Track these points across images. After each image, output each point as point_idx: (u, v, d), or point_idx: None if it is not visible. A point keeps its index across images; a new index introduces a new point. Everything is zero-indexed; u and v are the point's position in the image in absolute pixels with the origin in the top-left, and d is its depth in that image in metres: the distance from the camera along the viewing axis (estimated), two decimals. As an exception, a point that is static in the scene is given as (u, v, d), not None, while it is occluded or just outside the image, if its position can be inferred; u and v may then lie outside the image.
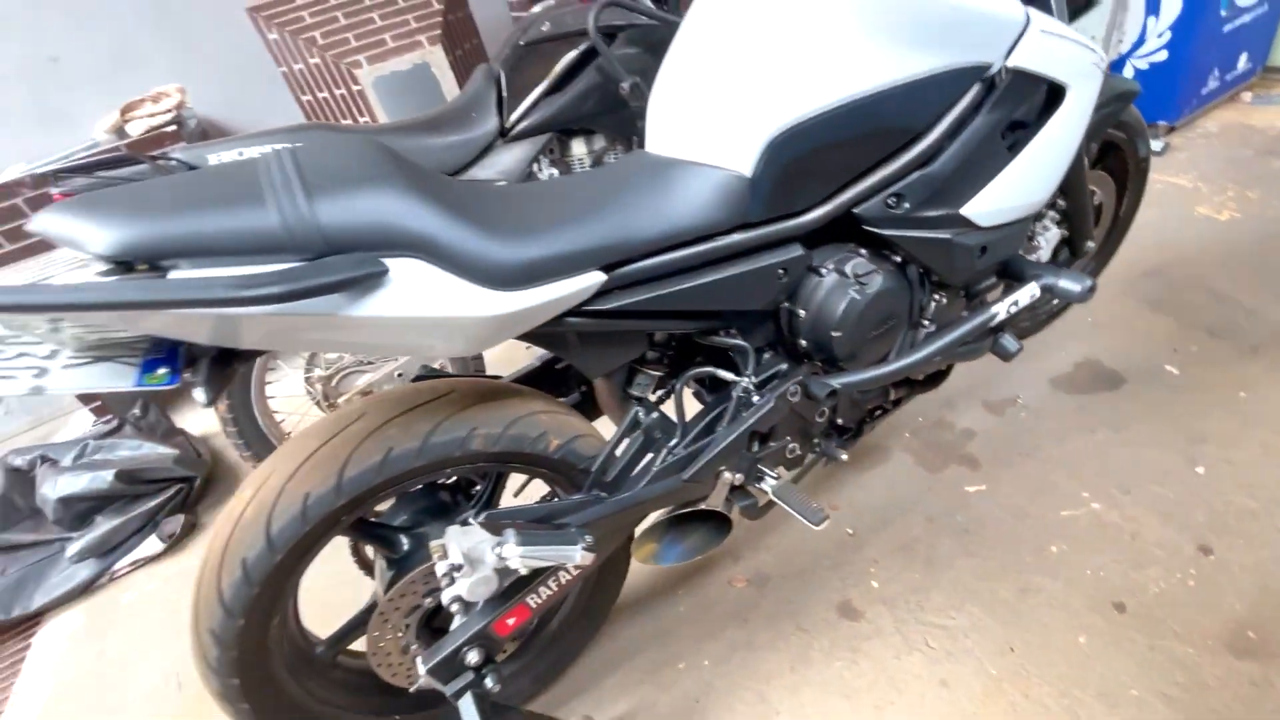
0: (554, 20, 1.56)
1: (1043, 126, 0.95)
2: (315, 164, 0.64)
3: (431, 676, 0.86)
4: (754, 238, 0.89)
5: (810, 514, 0.96)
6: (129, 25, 2.39)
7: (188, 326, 0.59)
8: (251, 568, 0.76)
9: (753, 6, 0.84)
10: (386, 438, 0.80)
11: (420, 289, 0.64)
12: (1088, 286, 0.99)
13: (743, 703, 1.11)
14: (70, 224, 0.56)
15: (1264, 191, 1.99)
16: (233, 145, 1.34)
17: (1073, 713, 0.98)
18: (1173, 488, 1.25)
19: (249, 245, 0.58)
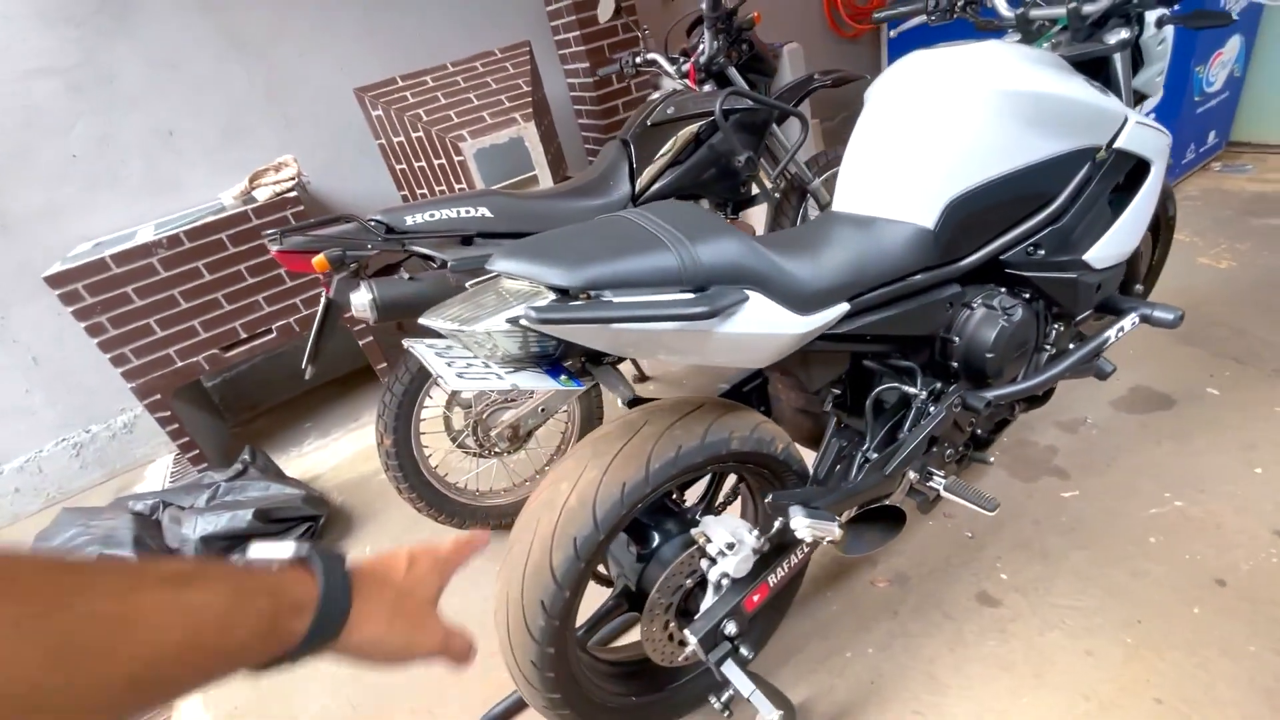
0: (677, 105, 1.84)
1: (1138, 192, 1.23)
2: (673, 219, 0.86)
3: (701, 646, 1.01)
4: (931, 277, 1.13)
5: (985, 503, 1.16)
6: (240, 101, 2.62)
7: (607, 337, 0.78)
8: (581, 545, 0.92)
9: (931, 101, 1.10)
10: (674, 437, 0.98)
11: (758, 313, 0.85)
12: (1179, 315, 1.24)
13: (914, 681, 1.27)
14: (527, 266, 0.76)
15: (1252, 244, 2.35)
16: (425, 208, 1.55)
17: (1204, 668, 1.17)
18: (1239, 486, 1.49)
19: (657, 279, 0.79)
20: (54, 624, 0.27)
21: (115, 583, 0.30)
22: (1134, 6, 1.21)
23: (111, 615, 0.29)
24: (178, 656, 0.31)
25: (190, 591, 0.33)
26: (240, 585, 0.36)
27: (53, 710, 0.27)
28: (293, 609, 0.38)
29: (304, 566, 0.41)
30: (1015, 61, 1.11)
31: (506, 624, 0.96)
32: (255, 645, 0.36)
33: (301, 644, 0.38)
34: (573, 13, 2.93)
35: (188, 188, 2.61)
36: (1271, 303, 2.05)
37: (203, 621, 0.32)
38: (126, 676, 0.29)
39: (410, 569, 0.47)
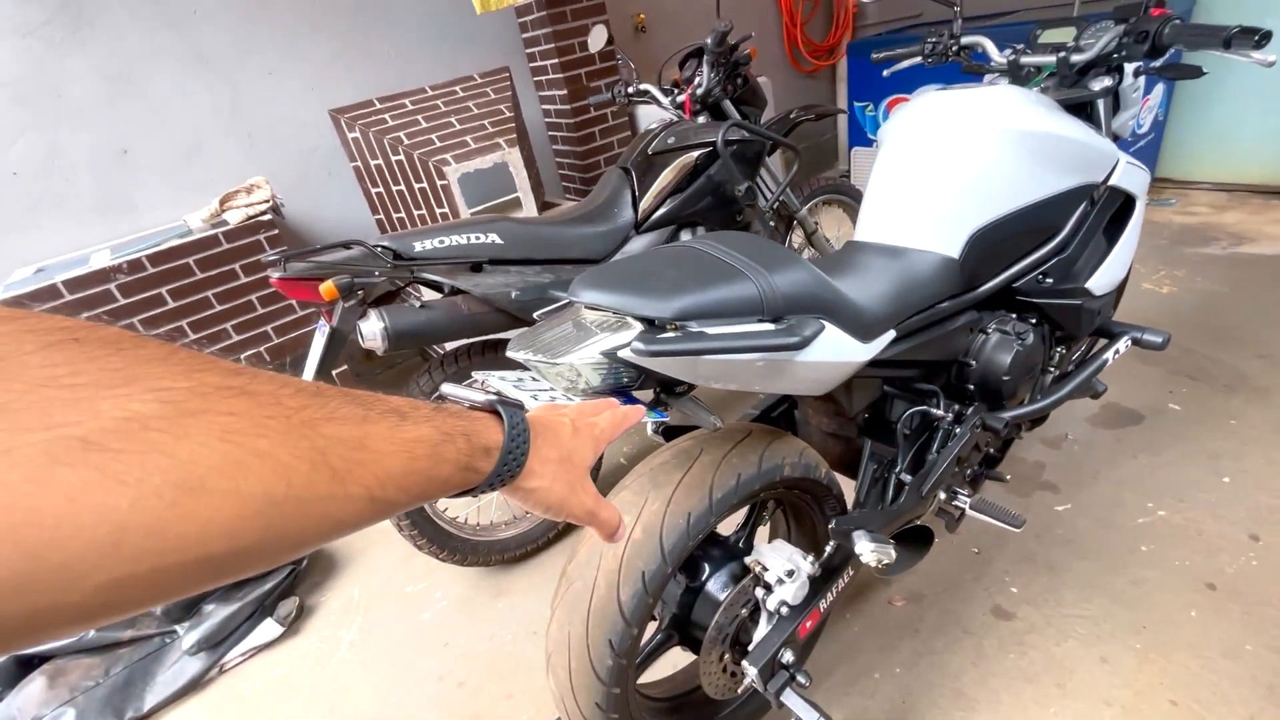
0: (678, 135, 1.87)
1: (1127, 225, 1.33)
2: (743, 249, 0.87)
3: (760, 677, 1.00)
4: (955, 304, 1.18)
5: (1011, 519, 1.21)
6: (202, 120, 2.49)
7: (694, 368, 0.78)
8: (650, 580, 0.90)
9: (952, 139, 1.16)
10: (733, 466, 0.98)
11: (832, 342, 0.86)
12: (1167, 337, 1.35)
13: (943, 698, 1.29)
14: (616, 298, 0.76)
15: (1187, 271, 2.58)
16: (434, 234, 1.51)
17: (1209, 669, 1.25)
18: (1212, 494, 1.61)
19: (740, 309, 0.79)
20: (312, 442, 0.30)
21: (351, 412, 0.33)
22: (1116, 58, 1.32)
23: (351, 439, 0.32)
24: (399, 481, 0.35)
25: (407, 426, 0.36)
26: (443, 426, 0.39)
27: (318, 516, 0.30)
28: (483, 451, 0.42)
29: (492, 413, 0.45)
30: (1024, 104, 1.19)
31: (568, 665, 0.92)
32: (454, 478, 0.40)
33: (484, 482, 0.43)
34: (551, 41, 2.96)
35: (144, 209, 2.44)
36: (1211, 324, 2.24)
37: (417, 454, 0.36)
38: (366, 492, 0.33)
39: (575, 434, 0.50)
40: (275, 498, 0.28)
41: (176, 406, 0.25)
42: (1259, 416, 1.82)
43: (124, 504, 0.23)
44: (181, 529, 0.25)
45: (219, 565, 0.27)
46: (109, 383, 0.24)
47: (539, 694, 1.47)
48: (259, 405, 0.29)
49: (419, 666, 1.60)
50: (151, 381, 0.25)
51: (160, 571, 0.25)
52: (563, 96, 3.08)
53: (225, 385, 0.28)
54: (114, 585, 0.23)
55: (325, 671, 1.64)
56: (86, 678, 1.61)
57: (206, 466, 0.25)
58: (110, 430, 0.23)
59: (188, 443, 0.25)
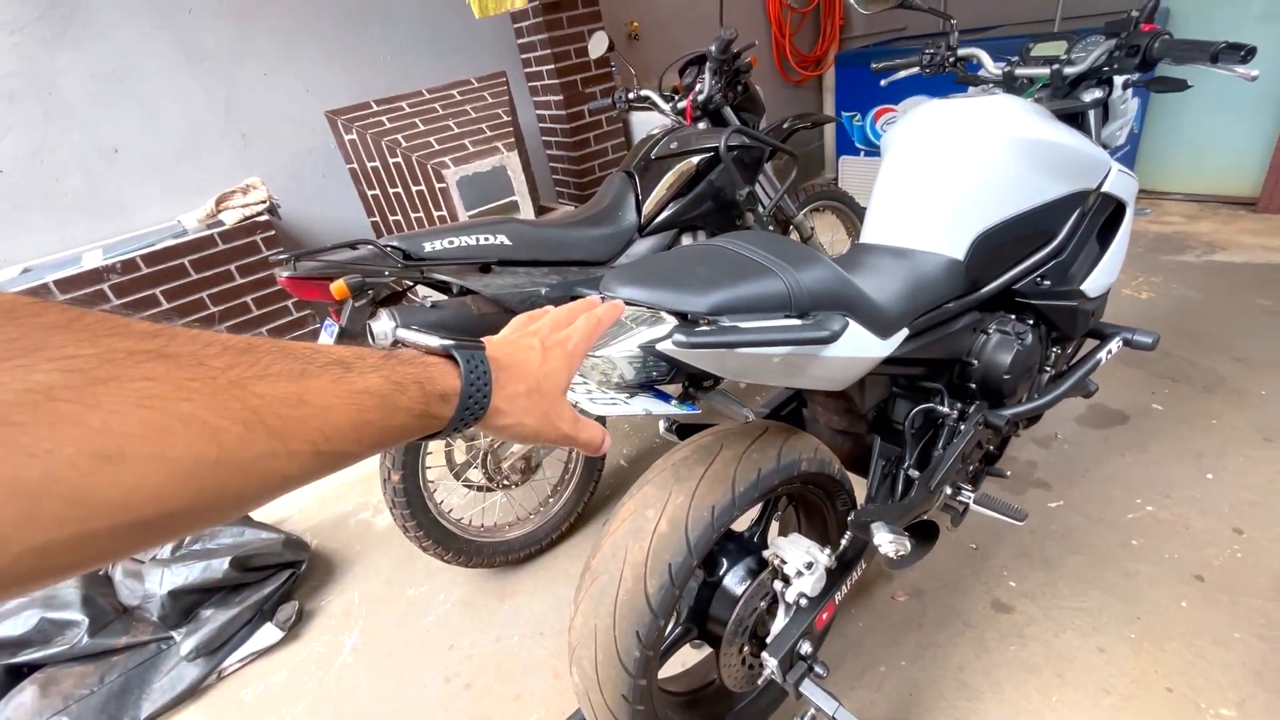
0: (680, 140, 1.90)
1: (1118, 230, 1.39)
2: (768, 247, 0.89)
3: (779, 668, 1.02)
4: (960, 305, 1.22)
5: (1014, 513, 1.25)
6: (195, 119, 2.47)
7: (725, 361, 0.80)
8: (676, 572, 0.91)
9: (956, 146, 1.21)
10: (753, 460, 1.00)
11: (855, 337, 0.89)
12: (1156, 338, 1.40)
13: (949, 689, 1.33)
14: (652, 293, 0.78)
15: (1164, 278, 2.68)
16: (443, 235, 1.52)
17: (1201, 657, 1.30)
18: (1197, 490, 1.67)
19: (769, 305, 0.81)
20: (244, 402, 0.29)
21: (287, 367, 0.33)
22: (1107, 71, 1.38)
23: (289, 396, 0.32)
24: (347, 434, 0.34)
25: (352, 377, 0.35)
26: (392, 375, 0.38)
27: (259, 475, 0.30)
28: (439, 398, 0.41)
29: (448, 357, 0.44)
30: (1024, 113, 1.24)
31: (594, 658, 0.93)
32: (411, 425, 0.39)
33: (448, 427, 0.42)
34: (547, 47, 2.98)
35: (135, 209, 2.41)
36: (1188, 328, 2.33)
37: (365, 406, 0.35)
38: (311, 447, 0.32)
39: (544, 361, 0.50)
40: (207, 460, 0.28)
41: (83, 375, 0.25)
42: (1238, 417, 1.89)
43: (35, 475, 0.23)
44: (104, 495, 0.24)
45: (155, 527, 0.27)
46: (5, 354, 0.23)
47: (548, 695, 1.47)
48: (179, 368, 0.28)
49: (424, 669, 1.59)
50: (53, 350, 0.24)
51: (87, 536, 0.25)
52: (558, 102, 3.11)
53: (139, 349, 0.27)
54: (39, 551, 0.23)
55: (328, 676, 1.62)
56: (80, 686, 1.57)
57: (124, 434, 0.25)
58: (11, 403, 0.23)
59: (99, 412, 0.24)
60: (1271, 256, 2.71)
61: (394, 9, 2.82)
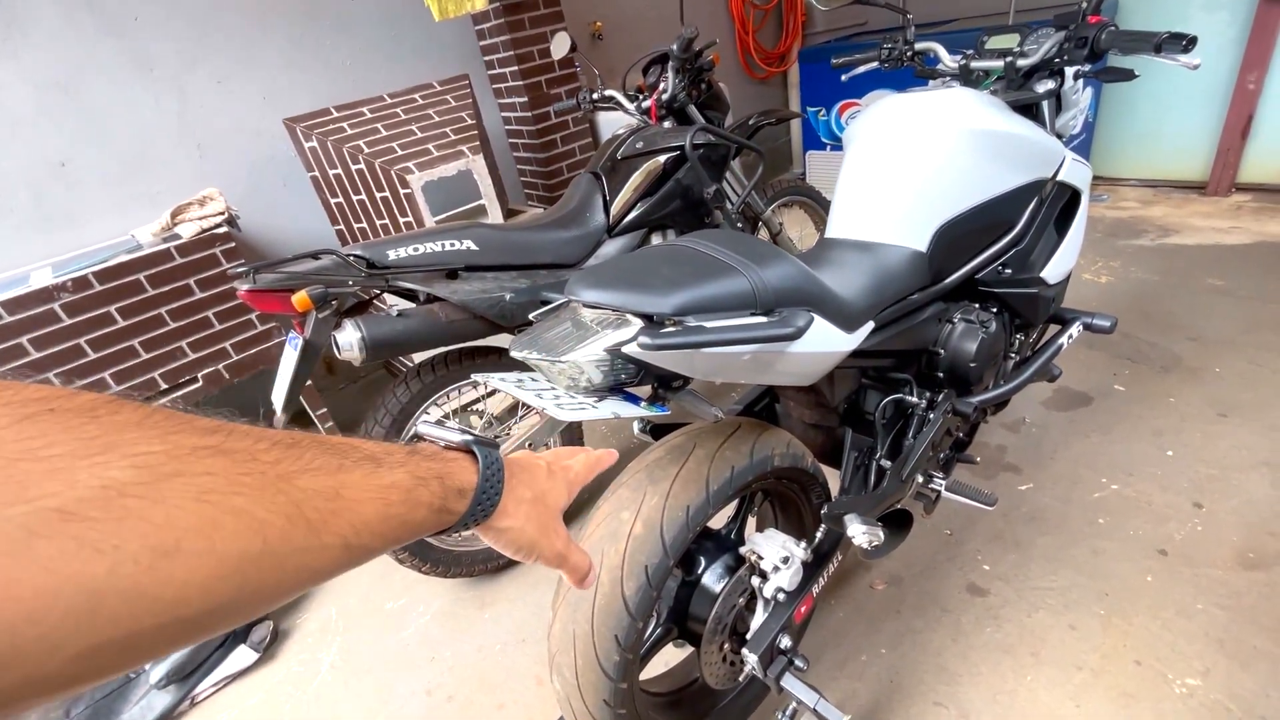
0: (646, 140, 1.90)
1: (1074, 217, 1.42)
2: (732, 245, 0.89)
3: (760, 664, 1.02)
4: (925, 296, 1.24)
5: (984, 499, 1.27)
6: (147, 130, 2.39)
7: (692, 361, 0.80)
8: (653, 573, 0.91)
9: (915, 139, 1.22)
10: (726, 459, 1.00)
11: (820, 333, 0.90)
12: (1114, 322, 1.44)
13: (928, 674, 1.35)
14: (616, 295, 0.77)
15: (1122, 262, 2.76)
16: (407, 242, 1.49)
17: (1167, 628, 1.34)
18: (1158, 468, 1.72)
19: (734, 303, 0.82)
20: (288, 495, 0.31)
21: (326, 462, 0.34)
22: (1058, 62, 1.41)
23: (327, 490, 0.33)
24: (374, 528, 0.35)
25: (382, 473, 0.37)
26: (417, 470, 0.40)
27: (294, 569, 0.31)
28: (457, 493, 0.42)
29: (467, 453, 0.45)
30: (980, 105, 1.26)
31: (574, 664, 0.93)
32: (429, 521, 0.40)
33: (459, 522, 0.43)
34: (510, 48, 2.95)
35: (85, 224, 2.32)
36: (1147, 310, 2.40)
37: (391, 500, 0.37)
38: (341, 540, 0.33)
39: (549, 476, 0.51)
40: (251, 554, 0.28)
41: (153, 471, 0.25)
42: (1193, 394, 1.96)
43: (101, 572, 0.23)
44: (158, 592, 0.25)
45: (194, 625, 0.27)
46: (85, 451, 0.24)
47: (531, 703, 1.46)
48: (235, 463, 0.29)
49: (406, 683, 1.56)
50: (128, 447, 0.25)
51: (136, 635, 0.25)
52: (523, 104, 3.08)
53: (201, 445, 0.28)
54: (90, 653, 0.23)
55: (306, 695, 1.59)
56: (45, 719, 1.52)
57: (183, 529, 0.25)
58: (87, 499, 0.23)
59: (163, 507, 0.25)
60: (1221, 238, 2.80)
61: (352, 13, 2.76)
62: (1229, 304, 2.34)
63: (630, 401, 0.82)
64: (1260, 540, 1.48)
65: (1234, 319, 2.25)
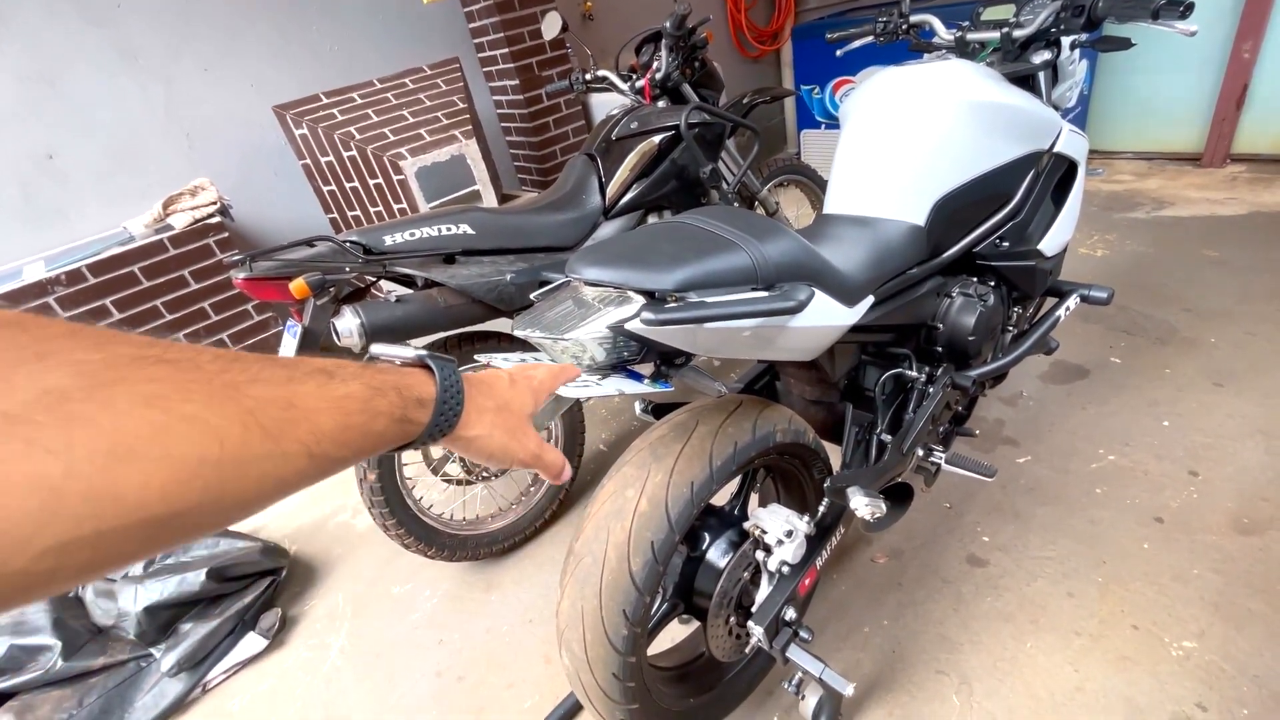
0: (640, 120, 1.89)
1: (1071, 189, 1.42)
2: (732, 221, 0.89)
3: (765, 636, 1.04)
4: (923, 270, 1.24)
5: (984, 470, 1.29)
6: (135, 121, 2.36)
7: (695, 337, 0.80)
8: (659, 549, 0.92)
9: (912, 112, 1.22)
10: (729, 435, 1.01)
11: (821, 307, 0.90)
12: (1111, 293, 1.44)
13: (930, 644, 1.37)
14: (617, 273, 0.77)
15: (1118, 235, 2.76)
16: (403, 228, 1.49)
17: (1163, 594, 1.36)
18: (1155, 437, 1.74)
19: (735, 279, 0.82)
20: (239, 404, 0.31)
21: (274, 374, 0.34)
22: (1054, 32, 1.40)
23: (279, 399, 0.33)
24: (335, 437, 0.36)
25: (335, 384, 0.37)
26: (372, 381, 0.40)
27: (258, 476, 0.31)
28: (417, 403, 0.43)
29: (423, 367, 0.46)
30: (977, 77, 1.25)
31: (583, 639, 0.94)
32: (390, 431, 0.40)
33: (423, 433, 0.44)
34: (500, 30, 2.92)
35: (76, 217, 2.30)
36: (1142, 282, 2.41)
37: (349, 410, 0.37)
38: (304, 448, 0.33)
39: (512, 386, 0.52)
40: (210, 459, 0.28)
41: (93, 377, 0.25)
42: (1189, 365, 1.97)
43: (57, 472, 0.23)
44: (118, 492, 0.25)
45: (164, 527, 0.27)
46: (18, 359, 0.24)
47: (540, 681, 1.48)
48: (179, 371, 0.29)
49: (415, 665, 1.58)
50: (64, 355, 0.25)
51: (103, 535, 0.25)
52: (515, 86, 3.05)
53: (139, 355, 0.28)
54: (59, 550, 0.24)
55: (316, 680, 1.61)
56: (59, 711, 1.53)
57: (134, 434, 0.26)
58: (30, 403, 0.23)
59: (110, 411, 0.25)
60: (1215, 209, 2.80)
61: (337, -4, 2.72)
62: (1224, 275, 2.35)
63: (634, 379, 0.83)
64: (1254, 506, 1.50)
65: (1229, 290, 2.27)
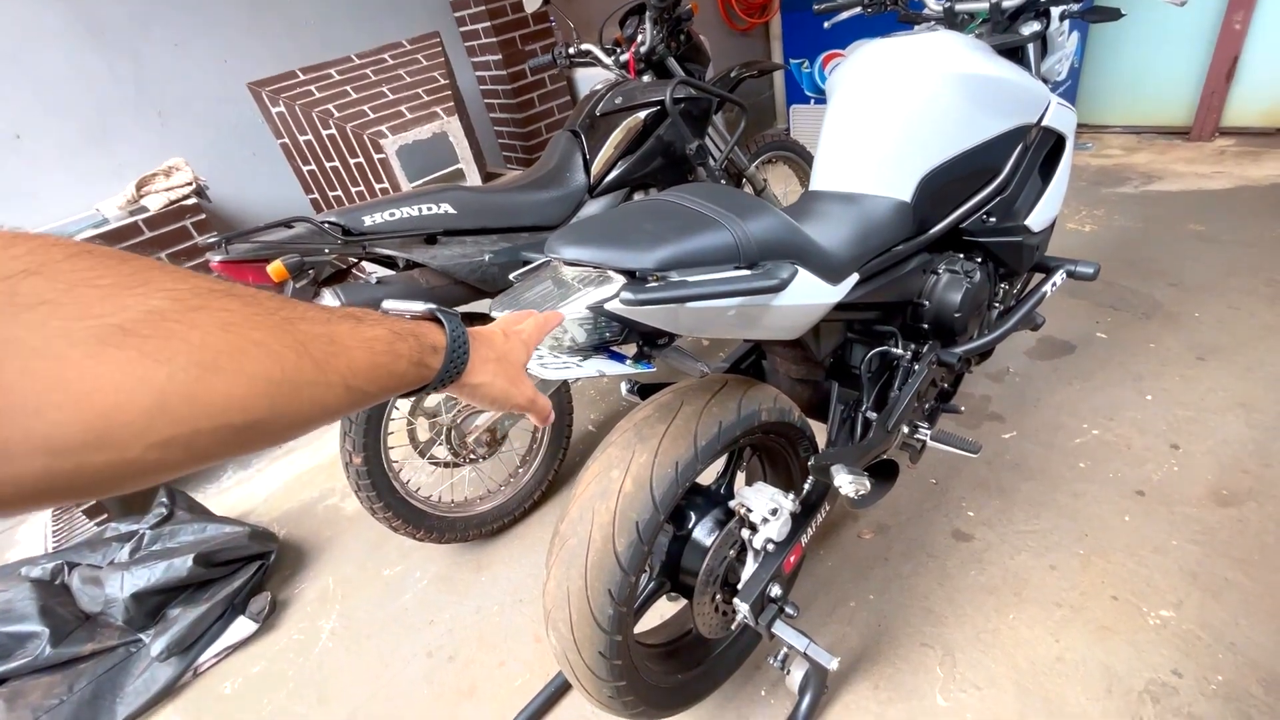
0: (624, 95, 1.85)
1: (1059, 163, 1.41)
2: (715, 199, 0.88)
3: (751, 612, 1.05)
4: (909, 247, 1.23)
5: (969, 446, 1.29)
6: (104, 98, 2.29)
7: (677, 317, 0.79)
8: (644, 529, 0.92)
9: (899, 86, 1.20)
10: (714, 415, 1.01)
11: (805, 285, 0.89)
12: (1097, 268, 1.44)
13: (915, 617, 1.39)
14: (597, 252, 0.76)
15: (1106, 210, 2.76)
16: (382, 208, 1.46)
17: (1143, 565, 1.38)
18: (1137, 411, 1.76)
19: (717, 257, 0.80)
20: (293, 335, 0.36)
21: (317, 314, 0.39)
22: (1044, 3, 1.38)
23: (323, 335, 0.38)
24: (366, 373, 0.40)
25: (364, 327, 0.42)
26: (394, 327, 0.44)
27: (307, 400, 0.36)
28: (431, 350, 0.47)
29: (433, 320, 0.51)
30: (964, 49, 1.23)
31: (569, 619, 0.94)
32: (410, 373, 0.45)
33: (436, 378, 0.48)
34: (481, 3, 2.84)
35: (47, 199, 2.24)
36: (1129, 258, 2.42)
37: (377, 350, 0.41)
38: (342, 380, 0.38)
39: (506, 340, 0.57)
40: (274, 379, 0.33)
41: (183, 303, 0.30)
42: (1173, 339, 1.99)
43: (161, 376, 0.28)
44: (208, 398, 0.30)
45: (240, 434, 0.32)
46: (128, 284, 0.29)
47: (530, 659, 1.49)
48: (245, 304, 0.34)
49: (406, 646, 1.59)
50: (159, 283, 0.30)
51: (198, 434, 0.30)
52: (497, 62, 2.98)
53: (214, 288, 0.33)
54: (164, 444, 0.29)
55: (308, 662, 1.62)
56: (49, 696, 1.53)
57: (216, 350, 0.31)
58: (139, 319, 0.28)
59: (198, 331, 0.30)
60: (1203, 183, 2.80)
61: (312, -33, 2.63)
62: (1210, 249, 2.36)
63: (615, 360, 0.82)
64: (1234, 478, 1.52)
65: (1214, 264, 2.27)
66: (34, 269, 0.26)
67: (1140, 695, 1.17)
